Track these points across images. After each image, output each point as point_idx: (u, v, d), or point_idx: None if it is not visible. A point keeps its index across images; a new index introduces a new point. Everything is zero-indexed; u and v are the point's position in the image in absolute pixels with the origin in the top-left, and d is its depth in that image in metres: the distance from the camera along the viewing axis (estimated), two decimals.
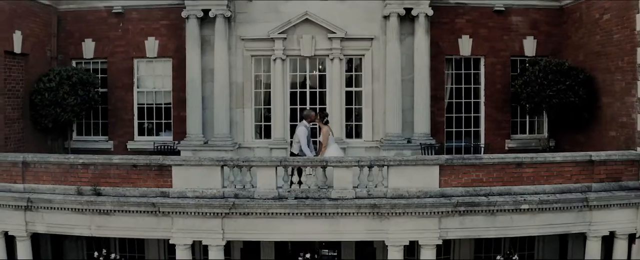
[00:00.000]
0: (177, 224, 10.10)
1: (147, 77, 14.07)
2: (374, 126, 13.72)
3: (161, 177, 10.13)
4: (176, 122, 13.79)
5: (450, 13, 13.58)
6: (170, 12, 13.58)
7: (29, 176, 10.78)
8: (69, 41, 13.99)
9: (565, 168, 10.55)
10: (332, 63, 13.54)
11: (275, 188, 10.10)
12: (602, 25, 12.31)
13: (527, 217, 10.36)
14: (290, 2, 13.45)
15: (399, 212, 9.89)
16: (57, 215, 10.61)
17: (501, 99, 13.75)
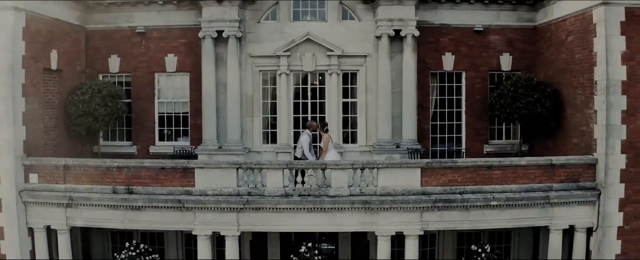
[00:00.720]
0: (198, 218, 11.96)
1: (166, 89, 15.90)
2: (367, 133, 15.55)
3: (185, 178, 11.99)
4: (193, 129, 15.62)
5: (434, 33, 15.43)
6: (187, 31, 15.42)
7: (69, 177, 12.63)
8: (96, 57, 15.80)
9: (529, 170, 12.41)
10: (331, 77, 15.38)
11: (282, 187, 11.96)
12: (567, 45, 14.15)
13: (497, 212, 12.21)
14: (293, 23, 15.30)
15: (386, 207, 11.76)
16: (94, 211, 12.46)
17: (480, 108, 15.58)
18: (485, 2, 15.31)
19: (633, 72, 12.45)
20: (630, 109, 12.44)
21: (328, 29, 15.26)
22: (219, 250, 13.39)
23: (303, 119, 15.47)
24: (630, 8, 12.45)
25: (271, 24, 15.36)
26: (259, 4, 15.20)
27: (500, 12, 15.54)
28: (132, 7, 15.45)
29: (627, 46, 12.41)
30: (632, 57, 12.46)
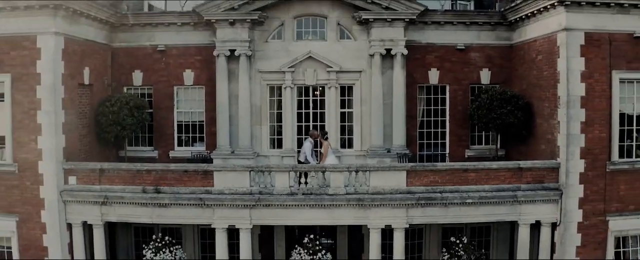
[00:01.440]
0: (217, 214, 14.03)
1: (184, 100, 17.94)
2: (362, 139, 17.58)
3: (205, 179, 14.05)
4: (208, 135, 17.65)
5: (421, 51, 17.48)
6: (203, 49, 17.46)
7: (104, 179, 14.70)
8: (121, 72, 17.84)
9: (500, 173, 14.49)
10: (330, 90, 17.42)
11: (289, 187, 14.03)
12: (537, 63, 16.20)
13: (472, 209, 14.29)
14: (297, 43, 17.35)
15: (377, 204, 13.84)
16: (126, 208, 14.52)
17: (462, 117, 17.62)
18: (466, 23, 17.39)
19: (591, 88, 14.51)
20: (588, 121, 14.51)
21: (327, 47, 17.34)
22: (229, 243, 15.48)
23: (306, 127, 17.55)
24: (589, 33, 14.53)
25: (277, 43, 17.42)
26: (267, 25, 17.26)
27: (481, 32, 17.61)
28: (153, 27, 17.52)
29: (586, 66, 14.48)
30: (591, 75, 14.52)
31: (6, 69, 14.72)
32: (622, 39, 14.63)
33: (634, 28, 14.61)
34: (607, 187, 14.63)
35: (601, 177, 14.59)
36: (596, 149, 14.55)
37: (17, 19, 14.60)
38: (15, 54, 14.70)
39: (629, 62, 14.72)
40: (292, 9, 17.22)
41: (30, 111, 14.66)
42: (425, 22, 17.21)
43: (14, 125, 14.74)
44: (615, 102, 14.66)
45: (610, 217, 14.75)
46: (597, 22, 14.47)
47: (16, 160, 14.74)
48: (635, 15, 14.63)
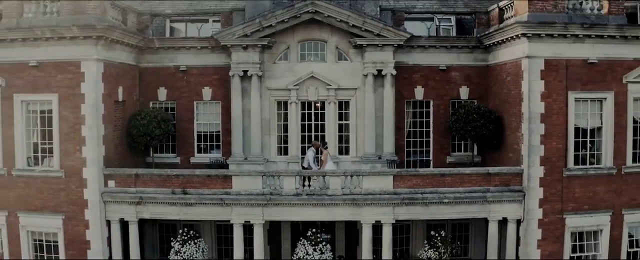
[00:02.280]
0: (234, 211, 16.78)
1: (203, 113, 20.63)
2: (357, 147, 20.27)
3: (225, 183, 16.80)
4: (224, 144, 20.35)
5: (408, 71, 20.18)
6: (220, 69, 20.15)
7: (139, 183, 17.43)
8: (148, 88, 20.53)
9: (472, 177, 17.22)
10: (329, 105, 20.13)
11: (295, 189, 16.78)
12: (507, 83, 18.90)
13: (448, 207, 17.03)
14: (300, 64, 20.05)
15: (368, 203, 16.60)
16: (158, 207, 17.25)
17: (444, 129, 20.31)
18: (448, 47, 20.10)
19: (550, 107, 17.21)
20: (547, 134, 17.24)
21: (327, 68, 20.05)
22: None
23: (309, 137, 20.24)
24: (549, 59, 17.25)
25: (284, 64, 20.13)
26: (275, 49, 19.97)
27: (460, 54, 20.32)
28: (176, 50, 20.23)
29: (545, 88, 17.20)
30: (549, 96, 17.23)
31: (54, 90, 17.47)
32: (578, 64, 17.35)
33: (588, 55, 17.34)
34: (563, 190, 17.36)
35: (558, 182, 17.32)
36: (554, 158, 17.26)
37: (63, 47, 17.35)
38: (62, 77, 17.44)
39: (584, 84, 17.43)
40: (296, 35, 19.96)
41: (75, 125, 17.40)
42: (411, 46, 19.93)
43: (61, 138, 17.49)
44: (571, 118, 17.38)
45: (567, 215, 17.48)
46: (555, 50, 17.20)
47: (63, 167, 17.49)
48: (589, 44, 17.36)
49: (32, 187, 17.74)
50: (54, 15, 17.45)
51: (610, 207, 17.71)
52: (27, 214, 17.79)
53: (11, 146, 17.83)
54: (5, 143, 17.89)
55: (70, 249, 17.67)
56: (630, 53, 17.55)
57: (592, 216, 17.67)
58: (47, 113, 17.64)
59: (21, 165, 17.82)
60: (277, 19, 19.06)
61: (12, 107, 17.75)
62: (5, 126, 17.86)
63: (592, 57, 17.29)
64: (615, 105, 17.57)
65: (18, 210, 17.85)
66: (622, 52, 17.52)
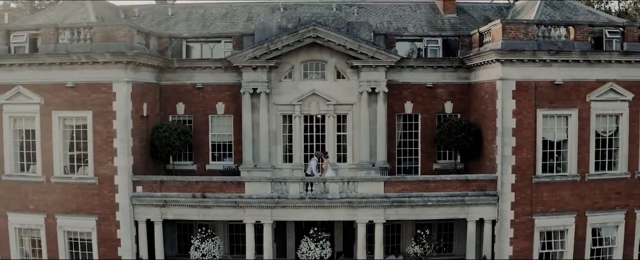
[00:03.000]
0: (247, 213, 19.46)
1: (217, 126, 23.28)
2: (353, 155, 22.92)
3: (239, 188, 19.47)
4: (235, 153, 22.99)
5: (399, 88, 22.83)
6: (232, 87, 22.79)
7: (163, 188, 20.08)
8: (167, 104, 23.15)
9: (453, 183, 19.88)
10: (329, 118, 22.77)
11: (299, 193, 19.43)
12: (485, 100, 21.54)
13: (432, 209, 19.70)
14: (303, 82, 22.68)
15: (362, 205, 19.28)
16: (180, 209, 19.91)
17: (430, 139, 22.96)
18: (434, 67, 22.75)
19: (520, 122, 19.85)
20: (518, 146, 19.89)
21: (327, 85, 22.68)
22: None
23: (311, 146, 22.89)
24: (520, 81, 19.88)
25: (288, 82, 22.75)
26: (280, 68, 22.59)
27: (445, 73, 22.97)
28: (192, 70, 22.87)
29: (516, 106, 19.83)
30: (520, 113, 19.86)
31: (88, 107, 20.12)
32: (546, 85, 19.99)
33: (555, 77, 19.99)
34: (533, 195, 20.02)
35: (528, 187, 19.98)
36: (524, 166, 19.92)
37: (96, 70, 20.00)
38: (96, 96, 20.10)
39: (551, 102, 20.06)
40: (300, 56, 22.59)
41: (107, 138, 20.06)
42: (401, 66, 22.57)
43: (95, 149, 20.16)
44: (539, 132, 20.04)
45: (536, 216, 20.15)
46: (526, 73, 19.84)
47: (97, 174, 20.16)
48: (556, 68, 20.01)
49: (68, 193, 20.40)
50: (88, 42, 20.10)
51: (575, 209, 20.38)
52: (64, 216, 20.45)
53: (49, 157, 20.48)
54: (44, 154, 20.54)
55: (103, 247, 20.34)
56: (593, 75, 20.21)
57: (558, 217, 20.33)
58: (82, 128, 20.31)
59: (59, 173, 20.46)
60: (283, 43, 21.72)
61: (50, 123, 20.41)
62: (44, 139, 20.51)
63: (559, 79, 19.93)
64: (579, 120, 20.22)
65: (56, 212, 20.52)
66: (586, 74, 20.17)
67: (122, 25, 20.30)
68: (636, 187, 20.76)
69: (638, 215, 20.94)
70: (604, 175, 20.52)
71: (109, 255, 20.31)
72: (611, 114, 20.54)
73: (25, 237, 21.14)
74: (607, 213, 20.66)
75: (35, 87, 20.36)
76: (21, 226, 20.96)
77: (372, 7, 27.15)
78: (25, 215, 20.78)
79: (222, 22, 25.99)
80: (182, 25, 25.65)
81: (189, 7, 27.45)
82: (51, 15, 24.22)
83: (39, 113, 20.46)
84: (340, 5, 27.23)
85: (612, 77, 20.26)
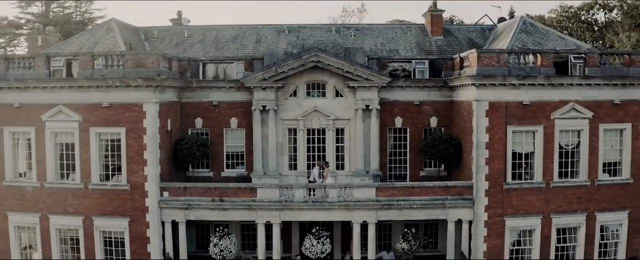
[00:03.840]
0: (259, 214, 23.23)
1: (230, 138, 27.01)
2: (350, 164, 26.62)
3: (252, 193, 23.22)
4: (247, 161, 26.72)
5: (390, 105, 26.54)
6: (244, 104, 26.50)
7: (186, 193, 23.80)
8: (187, 119, 26.86)
9: (435, 189, 23.63)
10: (329, 131, 26.48)
11: (303, 197, 23.17)
12: (464, 117, 25.20)
13: (417, 211, 23.43)
14: (306, 99, 26.39)
15: (357, 208, 23.07)
16: (201, 211, 23.64)
17: (417, 150, 26.65)
18: (421, 87, 26.44)
19: (492, 137, 23.50)
20: (491, 157, 23.55)
21: (327, 103, 26.38)
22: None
23: (313, 156, 26.61)
24: (492, 102, 23.51)
25: (293, 99, 26.45)
26: (286, 88, 26.27)
27: (431, 91, 26.65)
28: (209, 89, 26.57)
29: (489, 123, 23.48)
30: (492, 129, 23.50)
31: (122, 124, 23.75)
32: (515, 105, 23.61)
33: (523, 98, 23.60)
34: (503, 199, 23.70)
35: (500, 193, 23.66)
36: (496, 175, 23.59)
37: (129, 93, 23.62)
38: (128, 115, 23.74)
39: (519, 120, 23.68)
40: (303, 77, 26.28)
41: (139, 151, 23.72)
42: (392, 86, 26.25)
43: (128, 160, 23.83)
44: (509, 145, 23.69)
45: (506, 217, 23.82)
46: (497, 95, 23.47)
47: (129, 182, 23.84)
48: (524, 90, 23.61)
49: (104, 197, 24.08)
50: (120, 68, 23.72)
51: (541, 212, 24.05)
52: (100, 218, 24.13)
53: (87, 166, 24.14)
54: (83, 164, 24.21)
55: (134, 244, 24.03)
56: (557, 96, 23.82)
57: (526, 219, 24.01)
58: (116, 141, 23.95)
59: (95, 180, 24.14)
60: (289, 66, 25.42)
61: (88, 137, 24.05)
62: (82, 151, 24.15)
63: (526, 100, 23.57)
64: (544, 135, 23.87)
65: (93, 215, 24.20)
66: (550, 95, 23.79)
67: (151, 54, 24.00)
68: (596, 193, 24.44)
69: (598, 217, 24.67)
70: (566, 183, 24.20)
71: (139, 251, 24.03)
72: (573, 130, 24.19)
73: (65, 236, 24.84)
74: (570, 215, 24.33)
75: (74, 106, 24.00)
76: (61, 227, 24.63)
77: (368, 29, 30.88)
78: (65, 217, 24.44)
79: (234, 44, 29.70)
80: (198, 47, 29.37)
81: (203, 29, 31.16)
82: (82, 40, 27.95)
83: (78, 129, 24.11)
84: (339, 27, 30.98)
85: (574, 97, 23.90)
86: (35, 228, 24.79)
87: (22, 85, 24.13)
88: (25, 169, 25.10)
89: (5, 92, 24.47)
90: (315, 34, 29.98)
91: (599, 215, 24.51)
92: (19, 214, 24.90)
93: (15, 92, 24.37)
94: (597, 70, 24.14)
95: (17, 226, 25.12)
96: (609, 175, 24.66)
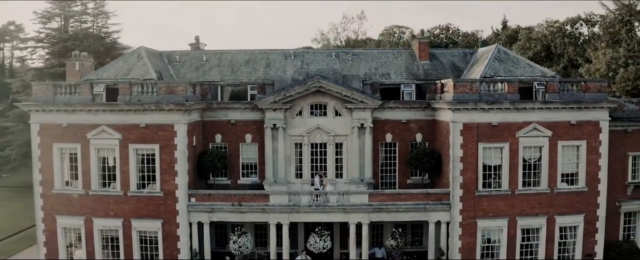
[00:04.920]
0: (271, 217, 28.92)
1: (245, 151, 32.66)
2: (347, 173, 32.23)
3: (265, 198, 28.93)
4: (260, 171, 32.36)
5: (381, 123, 32.14)
6: (257, 122, 32.12)
7: (210, 199, 29.42)
8: (208, 135, 32.47)
9: (418, 195, 29.29)
10: (329, 145, 32.09)
11: (308, 202, 28.83)
12: (443, 134, 30.79)
13: (403, 214, 29.10)
14: (310, 118, 32.01)
15: (353, 211, 28.80)
16: (223, 214, 29.31)
17: (405, 161, 32.27)
18: (408, 108, 32.06)
19: (466, 152, 29.07)
20: (464, 169, 29.13)
21: (328, 121, 31.97)
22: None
23: (315, 167, 32.19)
24: (466, 123, 29.06)
25: (299, 118, 32.05)
26: (293, 109, 31.86)
27: (416, 111, 32.25)
28: (227, 109, 32.19)
29: (463, 140, 29.04)
30: (466, 145, 29.07)
31: (156, 142, 29.36)
32: (485, 125, 29.17)
33: (491, 120, 29.15)
34: (475, 204, 29.29)
35: (472, 199, 29.25)
36: (469, 184, 29.18)
37: (162, 115, 29.20)
38: (162, 133, 29.34)
39: (489, 138, 29.24)
40: (307, 100, 31.85)
41: (170, 164, 29.32)
42: (383, 107, 31.83)
43: (161, 171, 29.44)
44: (480, 159, 29.24)
45: (478, 220, 29.42)
46: (470, 117, 29.02)
47: (162, 190, 29.45)
48: (492, 113, 29.13)
49: (140, 203, 29.70)
50: (155, 94, 29.31)
51: (507, 215, 29.61)
52: (137, 220, 29.74)
53: (126, 177, 29.73)
54: (122, 175, 29.81)
55: (166, 242, 29.65)
56: (521, 118, 29.31)
57: (495, 221, 29.60)
58: (151, 156, 29.53)
59: (133, 188, 29.74)
60: (295, 91, 31.01)
61: (127, 153, 29.61)
62: (122, 164, 29.72)
63: (494, 121, 29.11)
64: (510, 150, 29.40)
65: (131, 217, 29.80)
66: (515, 117, 29.32)
67: (180, 83, 29.60)
68: (555, 199, 29.95)
69: (557, 220, 30.22)
70: (529, 190, 29.76)
71: (171, 247, 29.66)
72: (535, 146, 29.73)
73: (106, 235, 30.44)
74: (533, 218, 29.89)
75: (115, 126, 29.57)
76: (103, 228, 30.21)
77: (364, 54, 36.44)
78: (107, 220, 30.04)
79: (247, 67, 35.25)
80: (216, 70, 34.95)
81: (219, 53, 36.70)
82: (117, 66, 33.50)
83: (118, 145, 29.68)
84: (339, 52, 36.53)
85: (536, 119, 29.42)
86: (81, 229, 30.39)
87: (69, 108, 29.69)
88: (70, 178, 30.73)
89: (54, 113, 30.02)
90: (318, 59, 35.57)
91: (558, 218, 30.09)
92: (66, 217, 30.47)
93: (63, 114, 29.91)
94: (556, 95, 29.69)
95: (64, 227, 30.70)
96: (567, 184, 30.18)
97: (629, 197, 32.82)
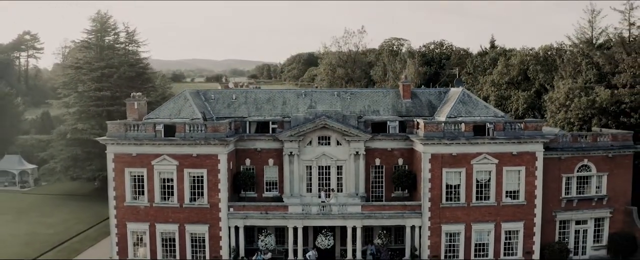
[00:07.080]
0: (289, 222, 42.72)
1: (268, 172, 46.13)
2: (346, 189, 45.68)
3: (285, 209, 42.62)
4: (279, 187, 45.85)
5: (372, 150, 45.56)
6: (277, 150, 45.53)
7: (244, 209, 43.17)
8: (240, 159, 45.94)
9: (398, 207, 43.05)
10: (332, 167, 45.59)
11: (317, 211, 42.59)
12: (418, 160, 44.28)
13: (387, 220, 42.89)
14: (317, 147, 45.44)
15: (350, 217, 42.51)
16: (254, 220, 43.07)
17: (390, 180, 45.70)
18: (392, 139, 45.50)
19: (433, 175, 42.51)
20: (432, 187, 42.54)
21: (331, 149, 45.49)
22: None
23: (322, 183, 45.81)
24: (433, 153, 42.52)
25: (309, 147, 45.56)
26: (304, 140, 45.28)
27: (399, 142, 45.71)
28: (254, 140, 45.73)
29: (431, 166, 42.50)
30: (433, 170, 42.52)
31: (204, 167, 42.89)
32: (448, 155, 42.58)
33: (452, 151, 42.80)
34: (440, 213, 42.79)
35: (438, 209, 42.77)
36: (435, 198, 42.68)
37: (209, 147, 42.66)
38: (208, 161, 42.86)
39: (450, 164, 42.67)
40: (316, 133, 45.35)
41: (215, 183, 42.84)
42: (373, 139, 45.33)
43: (208, 189, 42.99)
44: (444, 180, 42.70)
45: (442, 224, 42.96)
46: (436, 149, 42.45)
47: (209, 202, 42.97)
48: (453, 146, 42.69)
49: (192, 212, 43.26)
50: (203, 131, 42.89)
51: (464, 221, 43.12)
52: (190, 225, 43.32)
53: (182, 193, 43.11)
54: (178, 192, 43.32)
55: (211, 241, 43.21)
56: (474, 150, 42.72)
57: (455, 225, 43.11)
58: (200, 177, 43.02)
59: (187, 201, 43.28)
60: (306, 127, 44.57)
61: (182, 175, 43.08)
62: (178, 183, 43.20)
63: (454, 152, 42.58)
64: (466, 174, 42.82)
65: (185, 223, 43.40)
66: (470, 149, 42.83)
67: (222, 123, 43.13)
68: (501, 210, 43.34)
69: (503, 225, 43.65)
70: (481, 203, 43.23)
71: (215, 246, 43.22)
72: (485, 171, 43.15)
73: (165, 237, 44.06)
74: (484, 224, 43.40)
75: (173, 155, 43.01)
76: (163, 231, 43.75)
77: (359, 93, 49.98)
78: (167, 225, 43.60)
79: (268, 104, 48.78)
80: (244, 107, 48.48)
81: (245, 92, 50.36)
82: (169, 107, 46.92)
83: (176, 170, 43.18)
84: (340, 92, 50.10)
85: (486, 150, 42.83)
86: (146, 232, 44.00)
87: (138, 142, 43.27)
88: (137, 194, 44.27)
89: (126, 146, 43.45)
90: (323, 97, 49.08)
91: (504, 224, 43.56)
92: (134, 223, 44.01)
93: (132, 146, 43.37)
94: (502, 133, 43.14)
95: (132, 231, 44.28)
96: (511, 199, 43.57)
97: (563, 209, 45.82)
